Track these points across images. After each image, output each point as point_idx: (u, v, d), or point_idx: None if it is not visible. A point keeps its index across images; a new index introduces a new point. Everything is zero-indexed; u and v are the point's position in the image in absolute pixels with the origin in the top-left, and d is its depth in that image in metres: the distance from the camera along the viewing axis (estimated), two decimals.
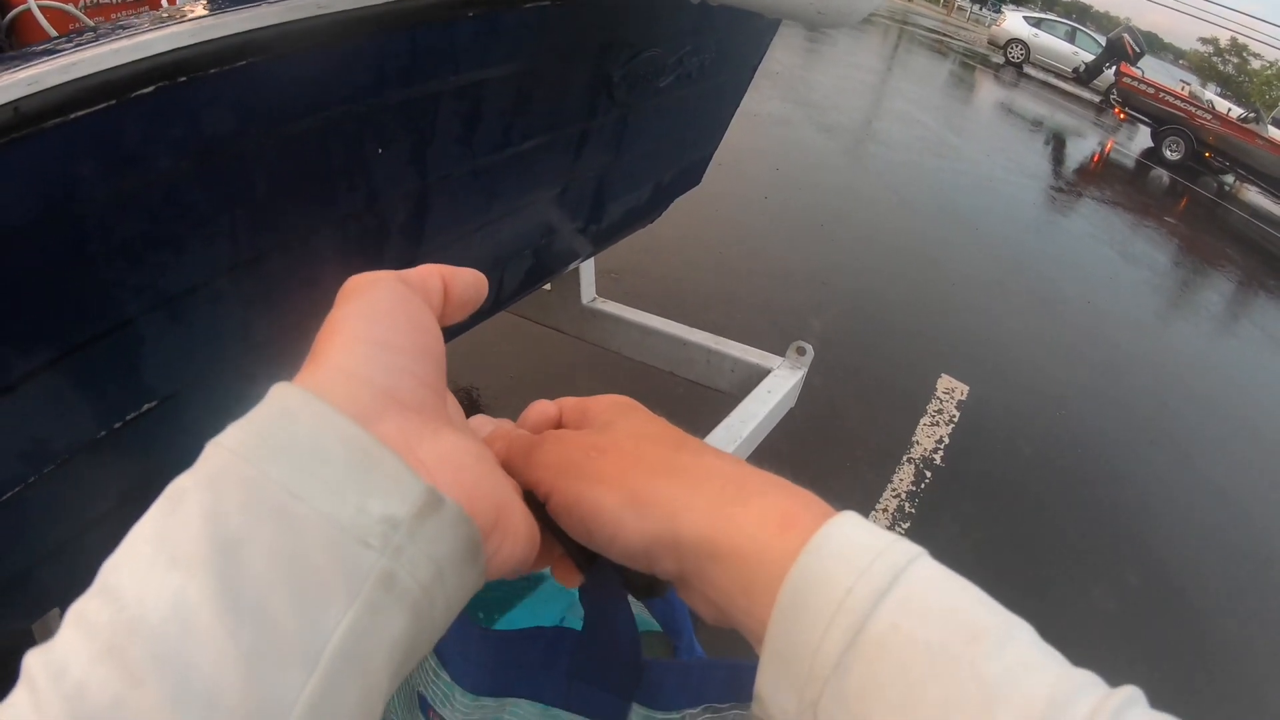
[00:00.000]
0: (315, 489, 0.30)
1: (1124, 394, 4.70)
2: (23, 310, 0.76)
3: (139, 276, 0.83)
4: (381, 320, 0.37)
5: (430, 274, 0.41)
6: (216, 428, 0.31)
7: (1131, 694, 0.30)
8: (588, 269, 2.34)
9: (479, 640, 0.73)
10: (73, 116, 0.69)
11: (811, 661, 0.33)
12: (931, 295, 5.13)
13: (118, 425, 0.90)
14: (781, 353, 2.03)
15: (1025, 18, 21.44)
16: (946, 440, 3.54)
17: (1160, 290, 6.94)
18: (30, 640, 1.33)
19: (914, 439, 3.51)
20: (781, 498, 0.39)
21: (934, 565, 0.34)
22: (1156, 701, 0.30)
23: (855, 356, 3.96)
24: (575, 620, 0.95)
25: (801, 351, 1.99)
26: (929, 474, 3.27)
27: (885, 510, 3.00)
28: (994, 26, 22.41)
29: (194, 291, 0.90)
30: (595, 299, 2.39)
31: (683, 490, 0.40)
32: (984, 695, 0.30)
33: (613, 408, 0.48)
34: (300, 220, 0.96)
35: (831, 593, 0.33)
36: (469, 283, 0.43)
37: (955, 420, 3.72)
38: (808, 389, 2.05)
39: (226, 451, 0.30)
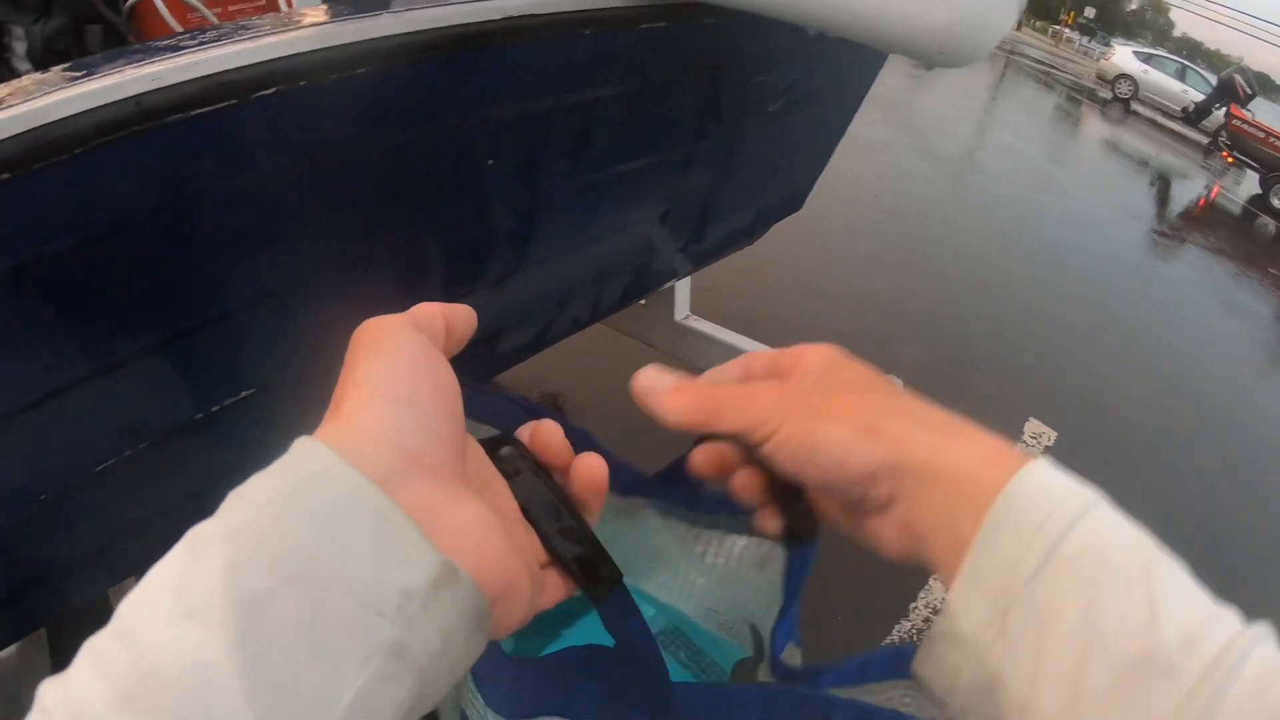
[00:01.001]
0: (337, 555, 0.31)
1: (1219, 449, 4.53)
2: (135, 295, 0.78)
3: (246, 270, 0.85)
4: (406, 378, 0.37)
5: (434, 316, 0.42)
6: (311, 420, 0.34)
7: (1265, 630, 0.36)
8: (683, 286, 2.34)
9: (510, 669, 0.74)
10: (193, 113, 0.71)
11: (1010, 574, 0.40)
12: (1025, 336, 5.02)
13: (214, 410, 0.92)
14: None
15: (1135, 53, 20.84)
16: None
17: (1261, 345, 6.68)
18: (107, 609, 1.38)
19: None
20: (988, 438, 0.46)
21: (1113, 509, 0.41)
22: None
23: (942, 392, 3.76)
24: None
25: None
26: None
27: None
28: (1102, 60, 21.89)
29: (296, 288, 0.92)
30: (688, 316, 2.40)
31: (907, 423, 0.46)
32: (1152, 611, 0.36)
33: (827, 357, 0.52)
34: (409, 226, 0.98)
35: (1033, 517, 0.40)
36: (464, 321, 0.44)
37: None
38: None
39: (252, 507, 0.31)
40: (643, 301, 2.34)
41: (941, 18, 0.76)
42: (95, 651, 0.28)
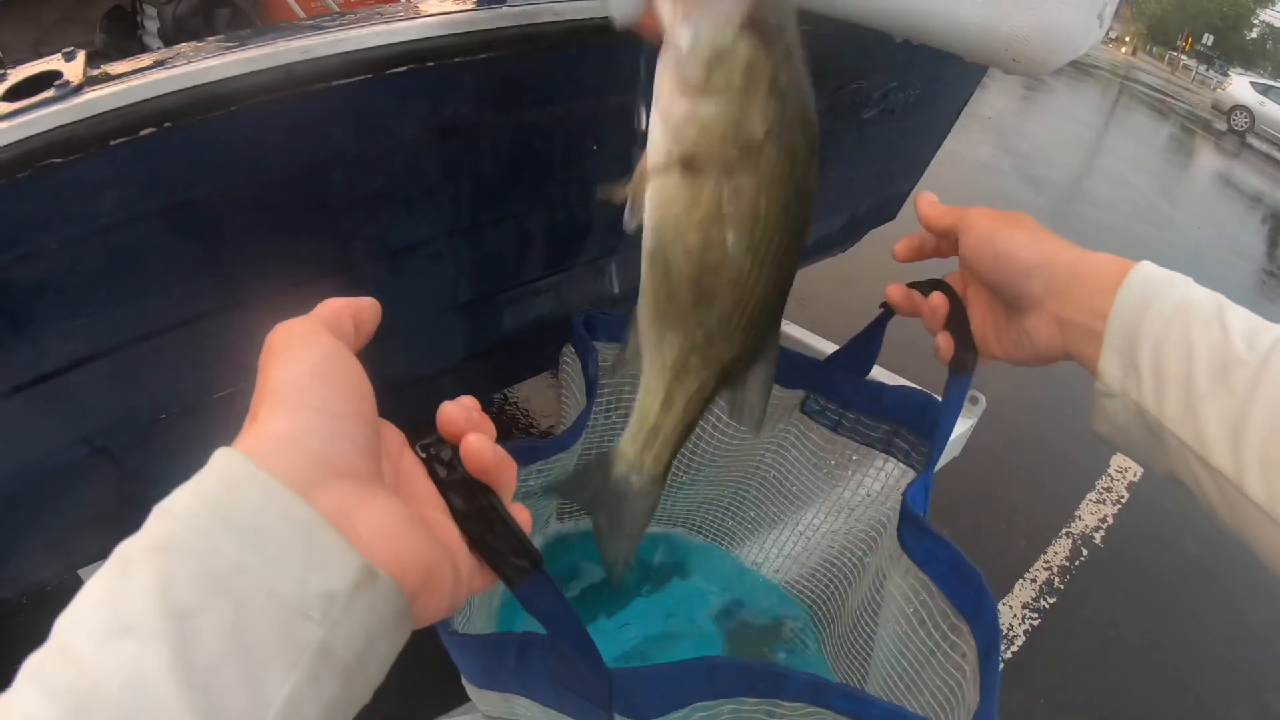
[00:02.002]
0: (260, 563, 0.32)
1: None
2: (266, 241, 0.86)
3: (368, 228, 0.93)
4: (317, 384, 0.38)
5: (343, 315, 0.43)
6: (413, 374, 0.34)
7: None
8: None
9: (458, 645, 0.76)
10: (335, 83, 0.78)
11: (1134, 330, 0.64)
12: None
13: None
14: None
15: (1252, 84, 19.87)
16: (1110, 520, 3.37)
17: None
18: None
19: (1076, 513, 3.36)
20: (1105, 254, 0.71)
21: (1199, 287, 0.66)
22: None
23: (1028, 421, 3.81)
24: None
25: (974, 400, 1.96)
26: (1085, 552, 3.12)
27: (1034, 581, 2.88)
28: (1218, 90, 21.00)
29: (413, 249, 0.99)
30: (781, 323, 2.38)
31: (1058, 240, 0.73)
32: (1225, 334, 0.61)
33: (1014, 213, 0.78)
34: (518, 202, 1.05)
35: (1144, 292, 0.65)
36: (370, 315, 0.45)
37: (1124, 501, 3.53)
38: (975, 446, 2.01)
39: (175, 519, 0.32)
40: None
41: (1018, 26, 0.79)
42: (35, 669, 0.29)
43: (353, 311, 0.44)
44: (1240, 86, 19.51)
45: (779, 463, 1.13)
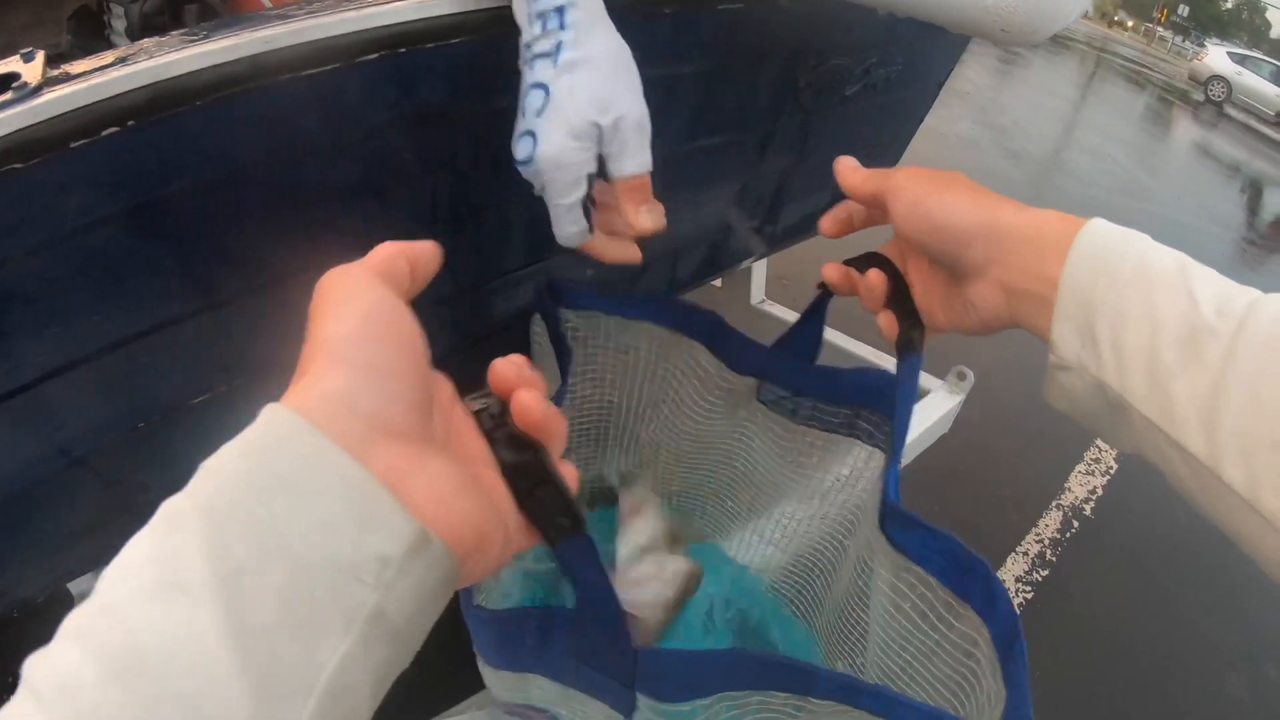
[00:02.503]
0: (313, 525, 0.31)
1: None
2: (239, 238, 0.83)
3: (343, 221, 0.90)
4: (368, 340, 0.37)
5: (398, 260, 0.42)
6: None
7: (1277, 295, 0.55)
8: (759, 271, 2.35)
9: (480, 620, 0.74)
10: (302, 74, 0.76)
11: (1089, 299, 0.57)
12: None
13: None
14: (942, 375, 2.00)
15: (1229, 54, 20.09)
16: (1100, 491, 3.40)
17: None
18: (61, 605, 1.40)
19: (1066, 485, 3.39)
20: (1054, 211, 0.63)
21: (1155, 243, 0.59)
22: None
23: (1015, 393, 3.83)
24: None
25: (962, 376, 1.96)
26: (1076, 523, 3.14)
27: (1026, 554, 2.90)
28: (1195, 61, 21.11)
29: (392, 241, 0.95)
30: (764, 300, 2.41)
31: (998, 200, 0.65)
32: (1192, 300, 0.54)
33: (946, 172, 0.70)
34: (497, 191, 1.02)
35: (1096, 253, 0.58)
36: (428, 259, 0.45)
37: (1112, 472, 3.56)
38: (964, 421, 2.01)
39: (224, 477, 0.32)
40: (718, 284, 2.35)
41: None
42: (80, 629, 0.28)
43: (409, 256, 0.43)
44: (1217, 57, 19.74)
45: (746, 452, 1.12)
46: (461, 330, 1.17)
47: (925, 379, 2.02)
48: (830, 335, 2.29)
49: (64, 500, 0.91)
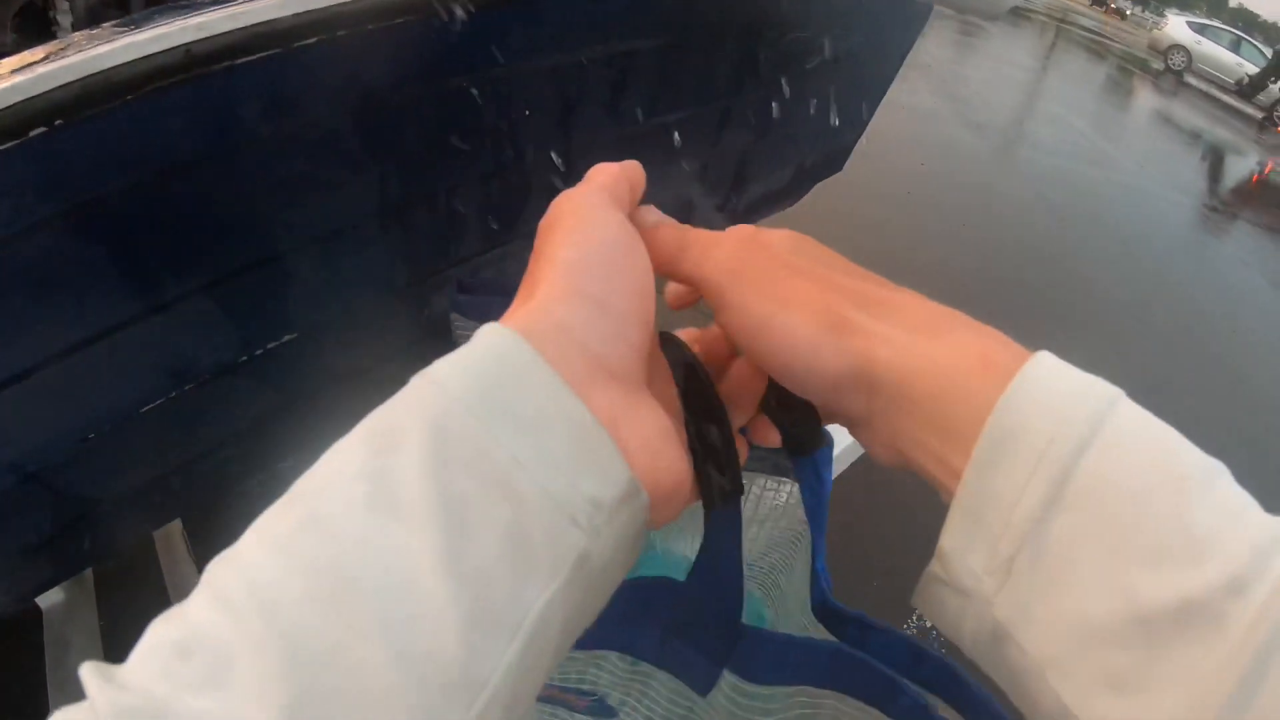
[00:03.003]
0: (536, 460, 0.30)
1: (1264, 433, 4.46)
2: (182, 237, 0.81)
3: (290, 214, 0.88)
4: (603, 273, 0.36)
5: (620, 181, 0.40)
6: (353, 365, 0.31)
7: None
8: None
9: None
10: (239, 61, 0.73)
11: (1010, 515, 0.32)
12: (1073, 309, 4.96)
13: (259, 353, 0.95)
14: None
15: (1189, 23, 20.30)
16: None
17: None
18: (151, 554, 1.39)
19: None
20: (976, 335, 0.37)
21: (1134, 407, 0.33)
22: None
23: None
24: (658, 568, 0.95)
25: None
26: None
27: None
28: (1155, 31, 21.34)
29: (341, 233, 0.94)
30: None
31: (878, 323, 0.38)
32: (1190, 545, 0.29)
33: (793, 237, 0.43)
34: (448, 174, 1.00)
35: (1033, 442, 0.32)
36: (640, 177, 0.42)
37: None
38: None
39: (450, 398, 0.30)
40: None
41: None
42: (282, 540, 0.27)
43: (627, 175, 0.41)
44: (1177, 26, 19.92)
45: None
46: (424, 321, 1.15)
47: None
48: None
49: (18, 517, 0.89)
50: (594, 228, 0.37)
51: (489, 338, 0.32)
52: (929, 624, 0.38)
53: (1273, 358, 5.54)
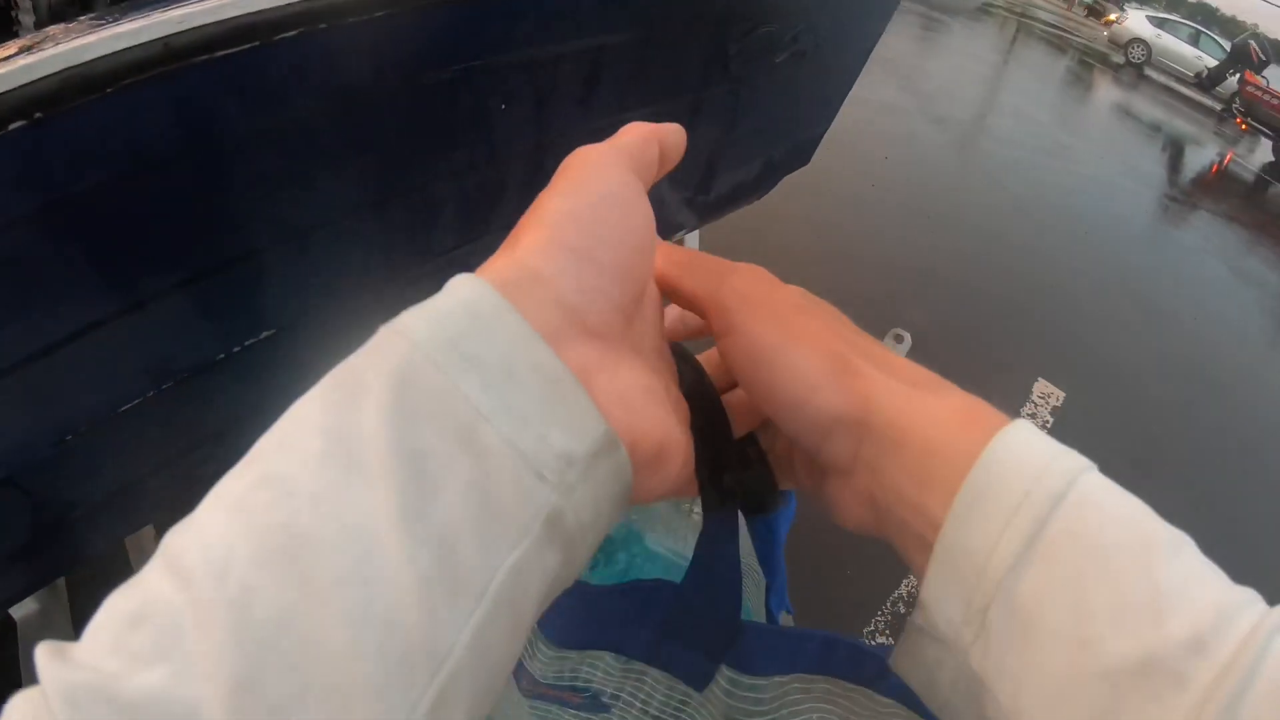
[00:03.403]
0: (501, 411, 0.28)
1: (1223, 415, 4.54)
2: (159, 233, 0.80)
3: (269, 209, 0.87)
4: (592, 226, 0.35)
5: (650, 145, 0.39)
6: (330, 362, 0.30)
7: None
8: (691, 241, 2.34)
9: (575, 593, 0.72)
10: (219, 54, 0.73)
11: (984, 565, 0.33)
12: (1035, 297, 5.02)
13: (236, 350, 0.94)
14: (880, 338, 2.01)
15: (1148, 17, 20.60)
16: None
17: (1271, 313, 6.67)
18: (123, 557, 1.38)
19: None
20: (962, 397, 0.39)
21: (1104, 478, 0.34)
22: None
23: (952, 351, 3.90)
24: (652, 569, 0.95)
25: (899, 339, 1.98)
26: None
27: None
28: (1116, 25, 21.62)
29: (318, 228, 0.94)
30: None
31: (880, 372, 0.39)
32: (1155, 603, 0.30)
33: (802, 291, 0.45)
34: (424, 169, 0.99)
35: (1009, 496, 0.33)
36: (676, 143, 0.41)
37: (1048, 426, 3.64)
38: None
39: (412, 346, 0.29)
40: None
41: None
42: (233, 499, 0.26)
43: (660, 136, 0.40)
44: (1137, 20, 20.18)
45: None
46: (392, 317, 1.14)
47: None
48: None
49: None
50: (591, 180, 0.36)
51: (457, 287, 0.31)
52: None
53: (1234, 344, 5.65)
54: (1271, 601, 0.31)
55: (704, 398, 0.43)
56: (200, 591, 0.24)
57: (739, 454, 0.45)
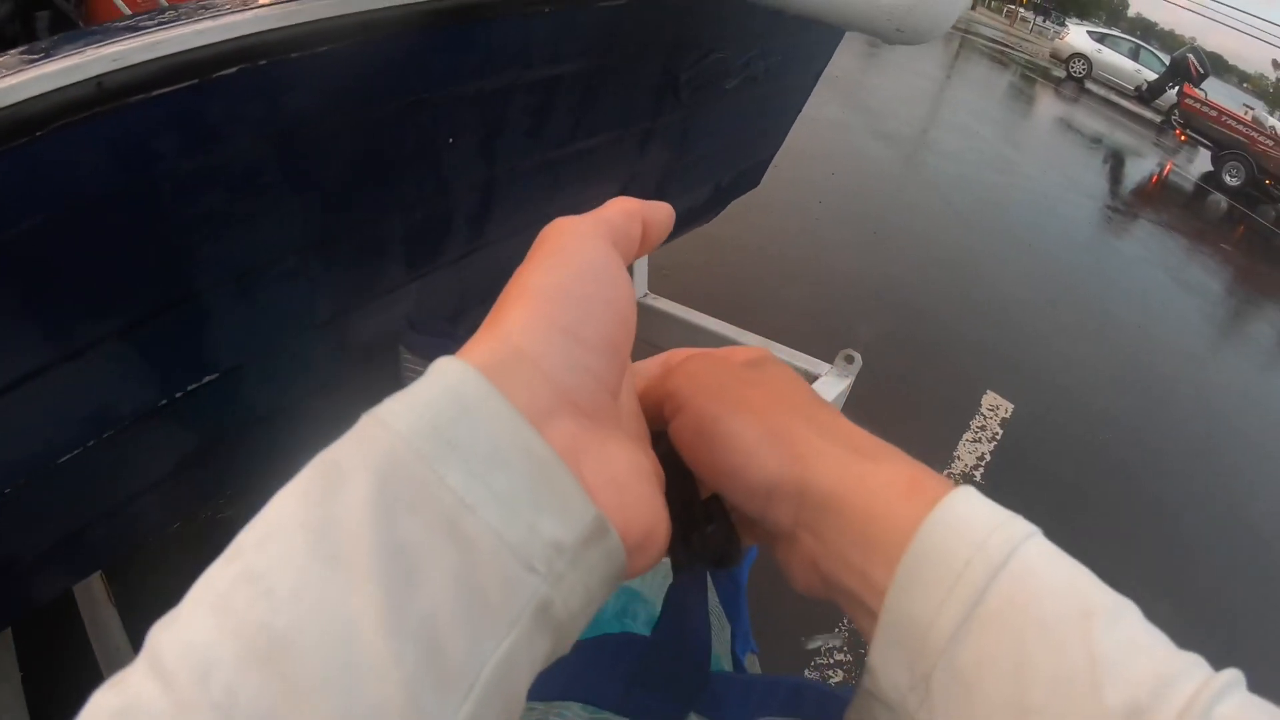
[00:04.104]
0: (488, 501, 0.28)
1: (1170, 424, 4.63)
2: (97, 279, 0.77)
3: (210, 252, 0.84)
4: (580, 303, 0.34)
5: (633, 220, 0.39)
6: (276, 404, 0.29)
7: (1233, 677, 0.30)
8: (641, 265, 2.34)
9: None
10: (155, 93, 0.70)
11: (927, 633, 0.33)
12: (981, 311, 5.08)
13: (179, 395, 0.91)
14: (829, 359, 2.02)
15: (1089, 32, 21.13)
16: (988, 458, 3.51)
17: (1212, 319, 6.82)
18: (69, 599, 1.34)
19: (955, 454, 3.48)
20: (908, 465, 0.38)
21: (1047, 544, 0.35)
22: None
23: (901, 367, 3.93)
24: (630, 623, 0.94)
25: (850, 359, 1.98)
26: None
27: None
28: (1056, 40, 22.10)
29: (262, 269, 0.91)
30: (647, 295, 2.39)
31: (818, 438, 0.40)
32: (1094, 670, 0.30)
33: (759, 355, 0.47)
34: (371, 205, 0.97)
35: (950, 565, 0.33)
36: (662, 222, 0.41)
37: (998, 438, 3.68)
38: (852, 397, 2.03)
39: (394, 436, 0.28)
40: None
41: None
42: (219, 596, 0.25)
43: (646, 214, 0.40)
44: (1078, 35, 20.74)
45: None
46: (345, 356, 1.12)
47: (813, 363, 2.05)
48: (664, 305, 2.32)
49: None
50: (572, 254, 0.35)
51: (442, 371, 0.30)
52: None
53: (1178, 350, 5.77)
54: (1223, 625, 0.31)
55: (671, 459, 0.42)
56: (183, 694, 0.23)
57: (705, 513, 0.44)
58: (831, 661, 2.36)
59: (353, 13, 0.79)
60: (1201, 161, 14.96)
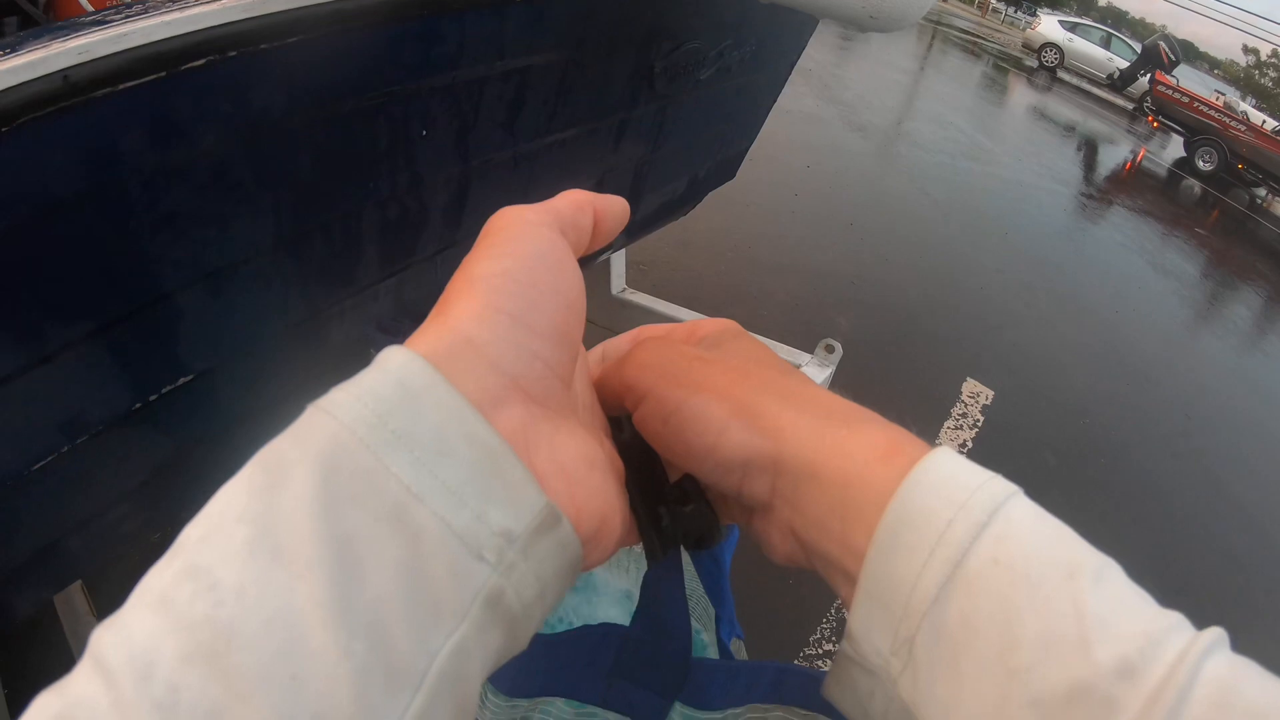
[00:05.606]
0: (435, 490, 0.27)
1: (1149, 405, 4.66)
2: (65, 281, 0.75)
3: (181, 251, 0.83)
4: (523, 289, 0.34)
5: (583, 212, 0.39)
6: (251, 405, 0.28)
7: (1217, 635, 0.30)
8: (619, 260, 2.34)
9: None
10: (122, 87, 0.69)
11: (910, 595, 0.33)
12: (959, 299, 5.10)
13: (152, 399, 0.89)
14: (810, 349, 2.02)
15: (1060, 21, 21.28)
16: (970, 445, 3.53)
17: (1188, 302, 6.88)
18: (51, 612, 1.33)
19: (937, 442, 3.47)
20: (884, 428, 0.38)
21: (1029, 502, 0.34)
22: None
23: (881, 357, 3.94)
24: (610, 612, 0.94)
25: (830, 349, 1.98)
26: None
27: None
28: (1028, 30, 22.24)
29: (235, 268, 0.89)
30: (625, 289, 2.39)
31: (790, 409, 0.39)
32: (1082, 629, 0.29)
33: (721, 329, 0.46)
34: (344, 200, 0.96)
35: (932, 525, 0.33)
36: (616, 215, 0.41)
37: (979, 425, 3.69)
38: (833, 387, 2.04)
39: (338, 426, 0.28)
40: None
41: None
42: (160, 594, 0.25)
43: (598, 209, 0.39)
44: (1049, 25, 20.89)
45: None
46: (319, 357, 1.11)
47: (793, 354, 2.05)
48: (641, 299, 2.32)
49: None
50: (519, 242, 0.35)
51: (387, 359, 0.30)
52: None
53: (1155, 334, 5.82)
54: (1211, 604, 0.30)
55: (637, 447, 0.42)
56: (124, 693, 0.22)
57: (678, 494, 0.44)
58: (820, 652, 2.36)
59: (323, 2, 0.78)
60: (1174, 148, 15.10)
